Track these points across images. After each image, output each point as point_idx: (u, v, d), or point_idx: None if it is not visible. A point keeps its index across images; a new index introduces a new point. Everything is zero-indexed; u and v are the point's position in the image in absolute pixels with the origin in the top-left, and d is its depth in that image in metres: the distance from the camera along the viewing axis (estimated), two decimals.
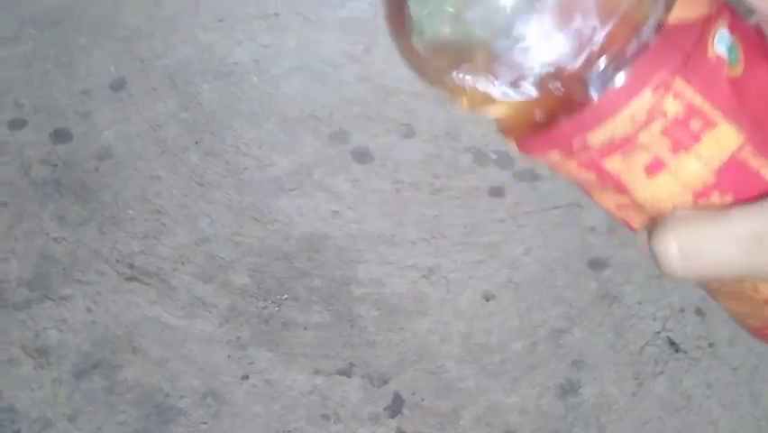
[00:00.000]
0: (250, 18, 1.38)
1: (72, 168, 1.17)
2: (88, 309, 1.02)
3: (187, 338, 1.01)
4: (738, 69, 0.24)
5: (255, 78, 1.30)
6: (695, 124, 0.24)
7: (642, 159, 0.24)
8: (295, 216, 1.13)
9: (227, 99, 1.27)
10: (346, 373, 0.99)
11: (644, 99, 0.23)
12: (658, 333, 1.03)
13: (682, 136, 0.24)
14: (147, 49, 1.32)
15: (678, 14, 0.24)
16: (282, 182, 1.17)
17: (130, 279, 1.05)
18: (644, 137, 0.24)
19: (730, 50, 0.24)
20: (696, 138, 0.24)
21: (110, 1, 1.39)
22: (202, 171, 1.17)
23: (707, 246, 0.24)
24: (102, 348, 0.99)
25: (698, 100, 0.23)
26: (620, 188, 0.25)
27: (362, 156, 1.21)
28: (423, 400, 0.97)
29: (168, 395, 0.96)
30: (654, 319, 1.04)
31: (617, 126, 0.24)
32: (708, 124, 0.24)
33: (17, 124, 1.22)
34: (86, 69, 1.28)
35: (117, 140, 1.20)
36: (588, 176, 0.25)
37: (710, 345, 1.02)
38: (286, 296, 1.05)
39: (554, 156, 0.25)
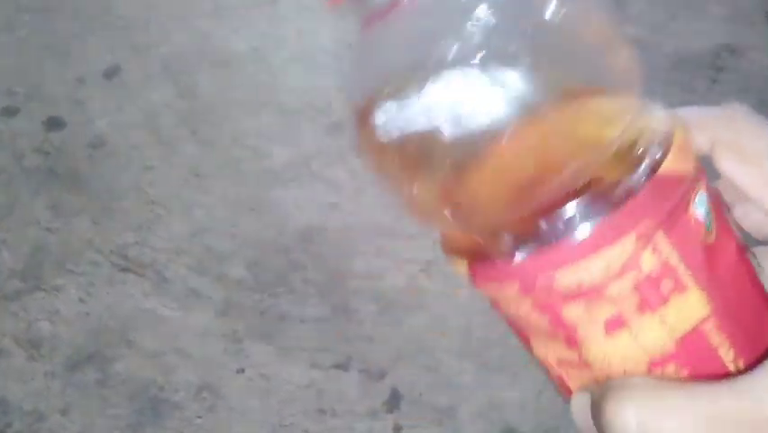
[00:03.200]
0: (247, 6, 1.36)
1: (65, 156, 1.15)
2: (81, 301, 1.01)
3: (182, 331, 0.99)
4: (711, 237, 0.23)
5: (252, 68, 1.28)
6: (666, 285, 0.22)
7: (605, 312, 0.22)
8: (292, 208, 1.12)
9: (224, 89, 1.25)
10: (343, 367, 0.98)
11: (625, 247, 0.22)
12: None
13: (651, 295, 0.22)
14: (142, 37, 1.30)
15: (669, 165, 0.23)
16: (279, 173, 1.16)
17: (124, 270, 1.04)
18: (613, 289, 0.22)
19: (707, 214, 0.23)
20: (664, 300, 0.22)
21: None
22: (198, 162, 1.15)
23: (670, 424, 0.22)
24: (95, 340, 0.98)
25: (674, 259, 0.22)
26: (571, 341, 0.23)
27: None
28: (421, 394, 0.96)
29: (162, 389, 0.95)
30: None
31: (589, 270, 0.22)
32: (679, 287, 0.22)
33: (10, 112, 1.20)
34: (81, 57, 1.26)
35: (111, 129, 1.18)
36: (539, 320, 0.24)
37: None
38: (282, 289, 1.04)
39: (509, 290, 0.23)
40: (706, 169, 0.24)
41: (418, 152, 0.22)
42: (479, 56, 0.21)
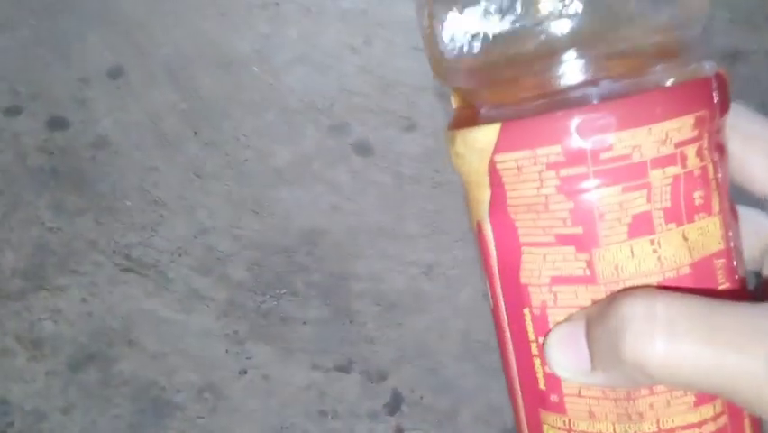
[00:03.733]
0: (250, 8, 1.36)
1: (69, 156, 1.15)
2: (84, 301, 1.01)
3: (184, 332, 0.99)
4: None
5: (255, 69, 1.28)
6: (698, 197, 0.21)
7: (637, 205, 0.21)
8: (294, 209, 1.12)
9: (227, 89, 1.25)
10: (344, 369, 0.98)
11: (683, 124, 0.21)
12: None
13: (683, 202, 0.21)
14: (146, 38, 1.31)
15: (725, 78, 0.23)
16: (282, 174, 1.16)
17: (126, 270, 1.04)
18: (655, 176, 0.21)
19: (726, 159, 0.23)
20: (691, 215, 0.21)
21: None
22: (201, 163, 1.15)
23: (702, 325, 0.19)
24: (97, 340, 0.98)
25: (711, 171, 0.22)
26: (588, 239, 0.21)
27: (363, 149, 1.20)
28: (422, 397, 0.97)
29: (164, 389, 0.95)
30: None
31: (646, 139, 0.20)
32: (707, 207, 0.22)
33: (13, 111, 1.20)
34: (84, 57, 1.27)
35: (115, 129, 1.18)
36: (557, 209, 0.21)
37: None
38: (284, 290, 1.04)
39: (544, 157, 0.21)
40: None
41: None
42: None
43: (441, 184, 1.15)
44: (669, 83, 0.21)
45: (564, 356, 0.22)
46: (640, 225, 0.21)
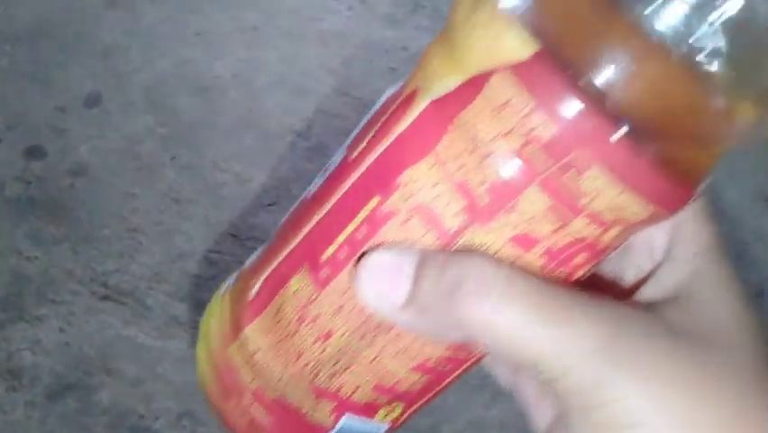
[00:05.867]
0: (228, 32, 1.37)
1: (47, 185, 1.15)
2: (62, 330, 1.01)
3: (162, 358, 0.99)
4: None
5: (233, 93, 1.29)
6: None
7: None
8: (272, 233, 1.12)
9: (205, 114, 1.26)
10: None
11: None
12: None
13: None
14: (124, 63, 1.31)
15: None
16: (260, 198, 1.16)
17: (104, 298, 1.04)
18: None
19: None
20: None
21: (89, 16, 1.38)
22: (179, 188, 1.16)
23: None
24: (76, 369, 0.98)
25: None
26: (481, 212, 0.20)
27: None
28: None
29: (142, 417, 0.95)
30: None
31: None
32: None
33: None
34: (62, 85, 1.27)
35: (93, 156, 1.19)
36: (496, 166, 0.20)
37: None
38: None
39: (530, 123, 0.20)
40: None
41: None
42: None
43: None
44: None
45: (382, 282, 0.21)
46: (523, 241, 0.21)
